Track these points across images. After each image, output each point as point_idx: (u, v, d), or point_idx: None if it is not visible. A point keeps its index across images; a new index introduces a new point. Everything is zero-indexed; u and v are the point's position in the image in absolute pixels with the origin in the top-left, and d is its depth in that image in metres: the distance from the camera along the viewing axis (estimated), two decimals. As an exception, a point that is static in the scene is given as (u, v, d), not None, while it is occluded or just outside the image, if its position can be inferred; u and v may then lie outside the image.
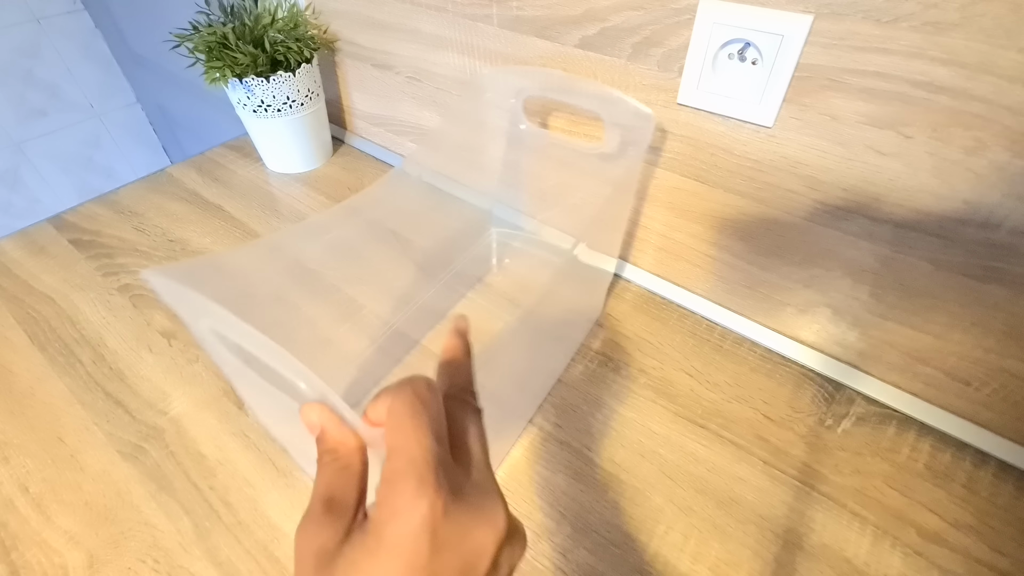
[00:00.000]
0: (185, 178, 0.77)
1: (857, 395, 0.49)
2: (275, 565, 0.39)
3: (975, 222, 0.38)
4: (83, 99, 1.44)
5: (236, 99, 0.70)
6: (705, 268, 0.55)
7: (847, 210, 0.43)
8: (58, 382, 0.51)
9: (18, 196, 1.43)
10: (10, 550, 0.40)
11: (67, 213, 0.70)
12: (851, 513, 0.41)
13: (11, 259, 0.64)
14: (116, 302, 0.58)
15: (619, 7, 0.45)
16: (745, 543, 0.40)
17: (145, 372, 0.52)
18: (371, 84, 0.76)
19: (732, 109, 0.44)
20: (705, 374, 0.51)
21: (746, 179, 0.47)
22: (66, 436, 0.47)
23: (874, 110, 0.38)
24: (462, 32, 0.59)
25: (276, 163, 0.78)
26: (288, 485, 0.43)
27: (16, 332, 0.55)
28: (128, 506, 0.42)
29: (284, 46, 0.66)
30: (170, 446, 0.46)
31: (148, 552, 0.40)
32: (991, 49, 0.32)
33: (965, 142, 0.35)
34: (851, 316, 0.48)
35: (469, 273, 0.61)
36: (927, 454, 0.45)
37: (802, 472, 0.44)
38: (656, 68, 0.47)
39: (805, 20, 0.37)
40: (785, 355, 0.53)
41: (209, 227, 0.69)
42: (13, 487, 0.44)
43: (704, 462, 0.45)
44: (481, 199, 0.63)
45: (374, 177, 0.78)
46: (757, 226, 0.49)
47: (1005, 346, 0.41)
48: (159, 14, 1.11)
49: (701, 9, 0.41)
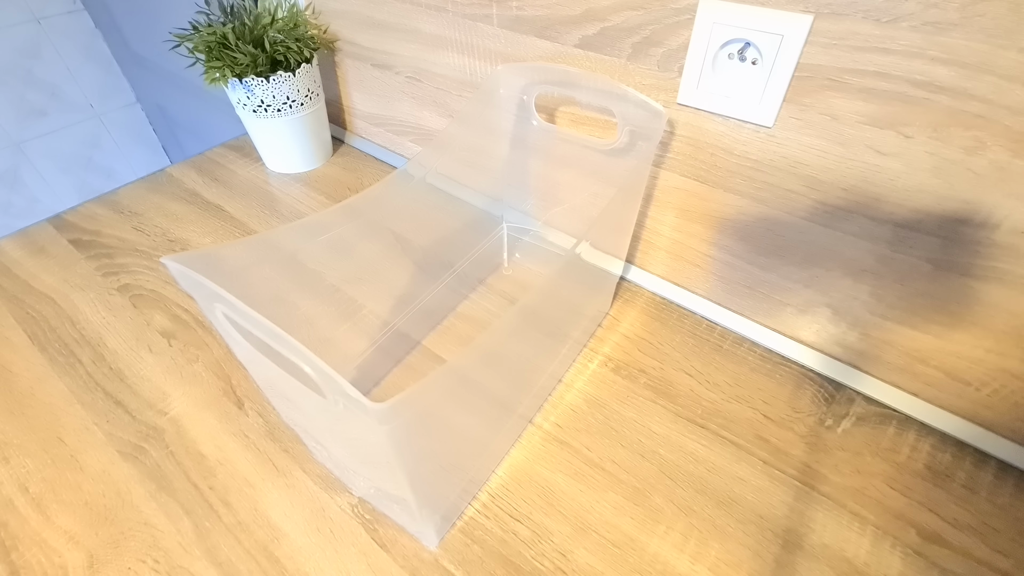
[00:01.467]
0: (185, 178, 0.77)
1: (857, 395, 0.49)
2: (275, 565, 0.39)
3: (975, 222, 0.38)
4: (83, 99, 1.44)
5: (236, 99, 0.70)
6: (705, 268, 0.55)
7: (847, 210, 0.43)
8: (58, 382, 0.51)
9: (18, 196, 1.43)
10: (10, 550, 0.40)
11: (67, 213, 0.70)
12: (851, 513, 0.41)
13: (11, 259, 0.64)
14: (116, 302, 0.58)
15: (619, 7, 0.45)
16: (745, 543, 0.40)
17: (145, 372, 0.52)
18: (371, 84, 0.76)
19: (732, 109, 0.44)
20: (705, 374, 0.51)
21: (746, 179, 0.47)
22: (66, 436, 0.47)
23: (874, 110, 0.38)
24: (462, 32, 0.59)
25: (276, 163, 0.78)
26: (288, 485, 0.43)
27: (16, 332, 0.55)
28: (128, 506, 0.42)
29: (284, 46, 0.66)
30: (170, 446, 0.46)
31: (148, 552, 0.40)
32: (991, 49, 0.32)
33: (965, 142, 0.35)
34: (851, 316, 0.48)
35: (472, 275, 0.61)
36: (927, 454, 0.45)
37: (802, 472, 0.44)
38: (656, 68, 0.47)
39: (805, 20, 0.37)
40: (785, 355, 0.53)
41: (209, 227, 0.69)
42: (13, 487, 0.44)
43: (704, 462, 0.45)
44: (488, 199, 0.63)
45: (374, 177, 0.78)
46: (757, 226, 0.49)
47: (1005, 346, 0.41)
48: (159, 14, 1.11)
49: (701, 9, 0.41)
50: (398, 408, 0.24)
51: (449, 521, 0.41)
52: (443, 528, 0.40)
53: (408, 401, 0.25)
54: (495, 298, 0.59)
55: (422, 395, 0.26)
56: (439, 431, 0.34)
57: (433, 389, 0.27)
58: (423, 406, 0.28)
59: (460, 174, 0.53)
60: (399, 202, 0.47)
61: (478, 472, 0.43)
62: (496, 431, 0.44)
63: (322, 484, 0.43)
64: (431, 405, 0.29)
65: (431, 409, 0.30)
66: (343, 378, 0.23)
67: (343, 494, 0.43)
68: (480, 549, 0.40)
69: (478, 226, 0.64)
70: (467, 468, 0.41)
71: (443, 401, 0.31)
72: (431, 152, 0.48)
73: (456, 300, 0.59)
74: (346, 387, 0.23)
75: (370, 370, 0.52)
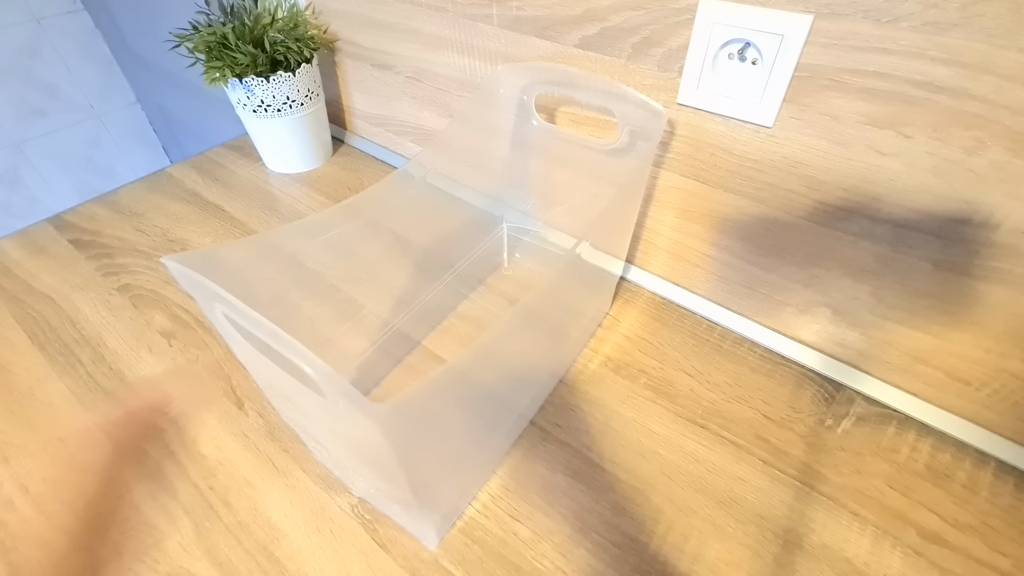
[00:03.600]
0: (185, 178, 0.77)
1: (857, 395, 0.49)
2: (275, 565, 0.39)
3: (975, 222, 0.38)
4: (83, 99, 1.44)
5: (236, 99, 0.70)
6: (705, 268, 0.55)
7: (847, 210, 0.43)
8: (58, 382, 0.51)
9: (18, 196, 1.43)
10: (10, 550, 0.40)
11: (67, 213, 0.70)
12: (851, 513, 0.41)
13: (11, 259, 0.64)
14: (116, 302, 0.58)
15: (619, 7, 0.45)
16: (745, 543, 0.40)
17: (145, 372, 0.52)
18: (371, 84, 0.76)
19: (732, 109, 0.44)
20: (705, 374, 0.51)
21: (746, 179, 0.47)
22: (66, 436, 0.47)
23: (874, 110, 0.38)
24: (462, 32, 0.59)
25: (276, 163, 0.78)
26: (288, 485, 0.43)
27: (16, 332, 0.55)
28: (128, 506, 0.42)
29: (284, 46, 0.66)
30: (170, 446, 0.46)
31: (148, 552, 0.40)
32: (991, 49, 0.32)
33: (965, 142, 0.35)
34: (851, 316, 0.48)
35: (472, 275, 0.61)
36: (927, 454, 0.45)
37: (802, 472, 0.44)
38: (656, 68, 0.47)
39: (805, 20, 0.37)
40: (785, 355, 0.53)
41: (209, 227, 0.69)
42: (13, 487, 0.44)
43: (704, 462, 0.45)
44: (488, 199, 0.63)
45: (374, 177, 0.78)
46: (757, 226, 0.49)
47: (1005, 346, 0.41)
48: (159, 14, 1.11)
49: (701, 9, 0.41)
50: (398, 409, 0.24)
51: (449, 521, 0.41)
52: (443, 528, 0.40)
53: (408, 402, 0.25)
54: (495, 298, 0.59)
55: (422, 396, 0.26)
56: (439, 431, 0.34)
57: (433, 390, 0.27)
58: (423, 407, 0.28)
59: (460, 174, 0.53)
60: (399, 202, 0.47)
61: (478, 472, 0.43)
62: (496, 431, 0.44)
63: (322, 484, 0.43)
64: (431, 406, 0.29)
65: (431, 410, 0.30)
66: (343, 378, 0.23)
67: (343, 494, 0.43)
68: (480, 549, 0.40)
69: (478, 226, 0.64)
70: (467, 468, 0.41)
71: (443, 401, 0.31)
72: (431, 152, 0.48)
73: (456, 300, 0.59)
74: (346, 387, 0.23)
75: (370, 370, 0.52)
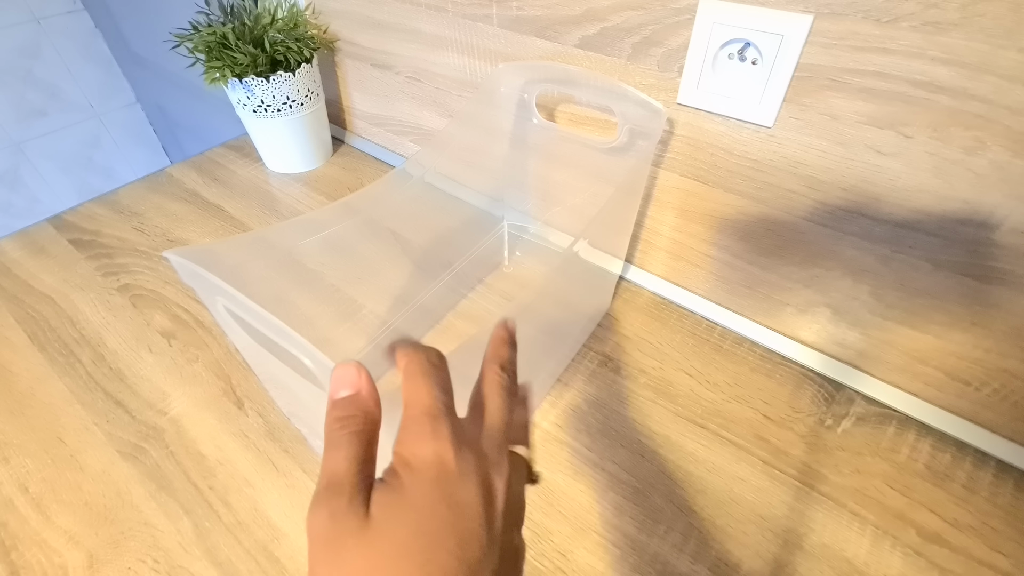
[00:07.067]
0: (185, 178, 0.77)
1: (857, 395, 0.49)
2: (275, 565, 0.39)
3: (975, 222, 0.38)
4: (83, 99, 1.44)
5: (236, 99, 0.70)
6: (705, 268, 0.55)
7: (847, 210, 0.43)
8: (58, 382, 0.51)
9: (18, 196, 1.43)
10: (10, 550, 0.40)
11: (67, 213, 0.70)
12: (851, 513, 0.41)
13: (11, 259, 0.64)
14: (116, 302, 0.58)
15: (619, 7, 0.45)
16: (745, 543, 0.40)
17: (145, 372, 0.52)
18: (371, 84, 0.76)
19: (732, 109, 0.44)
20: (705, 374, 0.51)
21: (746, 179, 0.47)
22: (66, 436, 0.47)
23: (874, 110, 0.38)
24: (462, 32, 0.59)
25: (276, 163, 0.78)
26: (288, 485, 0.43)
27: (16, 332, 0.55)
28: (128, 506, 0.42)
29: (284, 46, 0.66)
30: (170, 446, 0.46)
31: (148, 552, 0.40)
32: (991, 49, 0.32)
33: (965, 142, 0.35)
34: (851, 316, 0.48)
35: (471, 274, 0.61)
36: (927, 454, 0.45)
37: (802, 472, 0.44)
38: (656, 68, 0.47)
39: (805, 20, 0.37)
40: (785, 355, 0.53)
41: (209, 227, 0.69)
42: (13, 487, 0.44)
43: (704, 462, 0.45)
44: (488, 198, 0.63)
45: (374, 177, 0.78)
46: (757, 226, 0.49)
47: (1005, 346, 0.41)
48: (159, 14, 1.11)
49: (701, 9, 0.41)
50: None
51: (449, 521, 0.41)
52: (443, 528, 0.40)
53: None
54: (495, 297, 0.59)
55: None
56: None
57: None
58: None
59: (460, 173, 0.53)
60: (398, 201, 0.47)
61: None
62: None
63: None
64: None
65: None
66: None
67: (343, 494, 0.43)
68: (480, 549, 0.40)
69: (478, 225, 0.64)
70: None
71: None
72: (430, 151, 0.48)
73: (455, 299, 0.59)
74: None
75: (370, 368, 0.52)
